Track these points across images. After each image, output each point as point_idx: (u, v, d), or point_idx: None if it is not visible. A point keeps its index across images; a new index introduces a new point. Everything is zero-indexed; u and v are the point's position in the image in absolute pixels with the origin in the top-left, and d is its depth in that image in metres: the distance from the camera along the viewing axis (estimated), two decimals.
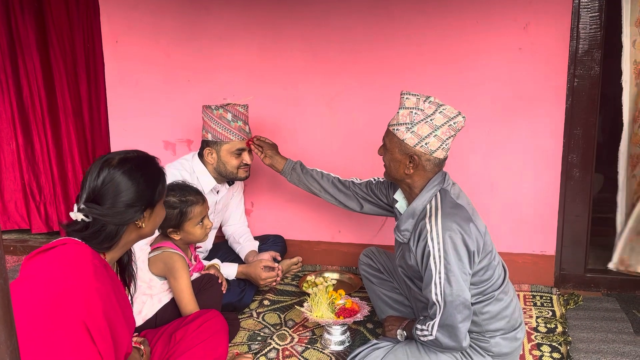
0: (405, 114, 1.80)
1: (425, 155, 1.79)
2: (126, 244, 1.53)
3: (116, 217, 1.44)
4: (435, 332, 1.73)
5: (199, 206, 2.09)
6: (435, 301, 1.71)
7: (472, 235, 1.71)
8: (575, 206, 2.69)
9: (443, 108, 1.78)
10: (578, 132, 2.62)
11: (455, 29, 2.65)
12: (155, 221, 1.56)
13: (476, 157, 2.74)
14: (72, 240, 1.42)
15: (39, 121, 3.51)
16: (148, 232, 1.55)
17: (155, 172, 1.55)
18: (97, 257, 1.43)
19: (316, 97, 2.89)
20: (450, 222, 1.71)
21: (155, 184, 1.53)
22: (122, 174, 1.45)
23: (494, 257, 1.83)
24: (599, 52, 2.53)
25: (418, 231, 1.77)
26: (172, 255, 2.05)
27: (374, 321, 2.38)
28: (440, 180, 1.83)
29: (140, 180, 1.47)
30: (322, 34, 2.81)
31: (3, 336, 0.73)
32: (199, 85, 3.00)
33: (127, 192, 1.45)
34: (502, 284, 1.85)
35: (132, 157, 1.51)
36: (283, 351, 2.18)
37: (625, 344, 2.19)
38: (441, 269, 1.69)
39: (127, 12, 3.00)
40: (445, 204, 1.77)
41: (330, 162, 2.91)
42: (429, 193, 1.81)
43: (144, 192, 1.48)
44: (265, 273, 2.54)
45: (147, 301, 2.04)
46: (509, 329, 1.84)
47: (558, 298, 2.63)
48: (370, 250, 2.38)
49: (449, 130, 1.78)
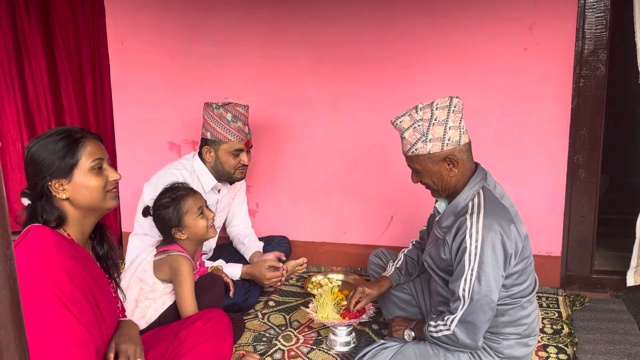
0: (410, 133, 1.80)
1: (456, 149, 1.79)
2: (79, 219, 1.53)
3: (33, 193, 1.50)
4: (453, 327, 1.72)
5: (191, 197, 2.12)
6: (461, 296, 1.70)
7: (511, 237, 1.70)
8: (581, 207, 2.68)
9: (435, 104, 1.78)
10: (584, 132, 2.61)
11: (460, 30, 2.65)
12: (85, 190, 1.52)
13: (481, 158, 2.70)
14: (34, 226, 1.47)
15: (45, 122, 3.53)
16: (83, 202, 1.53)
17: (58, 141, 1.52)
18: (59, 235, 1.47)
19: (320, 98, 2.89)
20: (492, 221, 1.69)
21: (59, 152, 1.50)
22: (29, 150, 1.51)
23: (530, 264, 1.82)
24: (605, 53, 2.52)
25: (457, 226, 1.76)
26: (178, 258, 2.05)
27: (380, 322, 2.38)
28: (482, 177, 1.82)
29: (40, 151, 1.50)
30: (326, 35, 2.81)
31: (13, 336, 0.73)
32: (204, 86, 3.00)
33: (32, 166, 1.50)
34: (531, 293, 1.84)
35: (43, 133, 1.55)
36: (288, 352, 2.18)
37: (632, 346, 2.18)
38: (475, 266, 1.68)
39: (132, 14, 3.01)
40: (489, 202, 1.75)
41: (334, 164, 2.91)
42: (472, 190, 1.79)
43: (44, 161, 1.49)
44: (270, 273, 2.53)
45: (151, 305, 2.04)
46: (524, 336, 1.84)
47: (564, 299, 2.62)
48: (380, 250, 2.40)
49: (455, 115, 1.78)
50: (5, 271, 0.72)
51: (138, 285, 2.04)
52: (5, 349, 0.72)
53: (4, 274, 0.72)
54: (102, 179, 1.55)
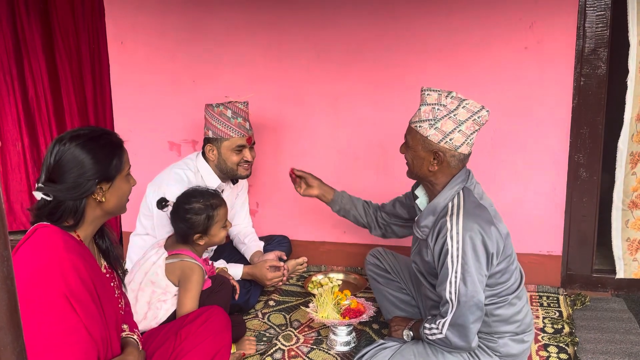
0: (427, 110, 1.77)
1: (450, 152, 1.77)
2: (94, 220, 1.54)
3: (71, 192, 1.47)
4: (445, 331, 1.72)
5: (223, 208, 2.11)
6: (449, 299, 1.70)
7: (492, 237, 1.70)
8: (582, 206, 2.68)
9: (466, 103, 1.75)
10: (584, 131, 2.61)
11: (460, 28, 2.64)
12: (118, 195, 1.57)
13: (482, 157, 2.73)
14: (41, 225, 1.46)
15: (45, 122, 3.53)
16: (113, 207, 1.57)
17: (108, 145, 1.55)
18: (68, 235, 1.47)
19: (320, 97, 2.88)
20: (472, 222, 1.69)
21: (109, 156, 1.53)
22: (73, 148, 1.48)
23: (512, 262, 1.81)
24: (606, 51, 2.52)
25: (437, 228, 1.75)
26: (192, 266, 2.02)
27: (380, 322, 2.37)
28: (464, 177, 1.81)
29: (92, 153, 1.49)
30: (326, 34, 2.81)
31: (10, 338, 0.73)
32: (204, 85, 3.00)
33: (79, 166, 1.48)
34: (518, 289, 1.84)
35: (83, 132, 1.53)
36: (289, 352, 2.18)
37: (633, 345, 2.18)
38: (458, 268, 1.68)
39: (132, 14, 3.01)
40: (468, 203, 1.74)
41: (334, 162, 2.91)
42: (451, 190, 1.79)
43: (96, 165, 1.49)
44: (271, 273, 2.53)
45: (162, 307, 2.03)
46: (519, 332, 1.84)
47: (565, 298, 2.61)
48: (377, 250, 2.38)
49: (473, 124, 1.76)
50: (2, 272, 0.71)
51: (150, 288, 2.03)
52: (2, 351, 0.72)
53: (0, 275, 0.71)
54: (130, 185, 1.62)
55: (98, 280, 1.47)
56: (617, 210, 2.63)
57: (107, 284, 1.58)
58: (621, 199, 2.61)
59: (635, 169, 2.57)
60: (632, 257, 2.67)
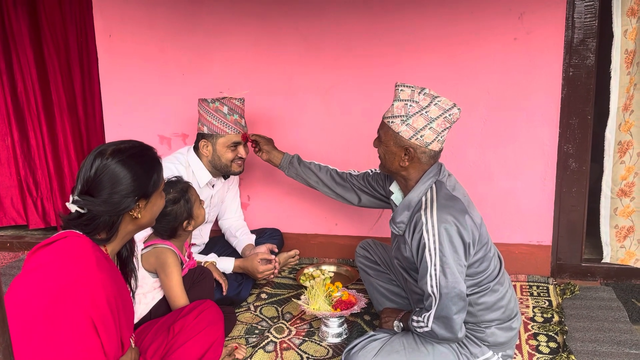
0: (400, 106, 1.79)
1: (420, 148, 1.79)
2: (125, 236, 1.53)
3: (109, 208, 1.44)
4: (431, 324, 1.74)
5: (191, 187, 2.15)
6: (431, 293, 1.71)
7: (467, 227, 1.71)
8: (572, 196, 2.70)
9: (438, 100, 1.77)
10: (574, 122, 2.62)
11: (450, 19, 2.64)
12: (153, 211, 1.56)
13: (472, 148, 2.74)
14: (73, 233, 1.42)
15: (34, 116, 3.50)
16: (146, 222, 1.55)
17: (149, 162, 1.54)
18: (99, 250, 1.44)
19: (311, 89, 2.88)
20: (446, 214, 1.71)
21: (150, 173, 1.52)
22: (115, 164, 1.45)
23: (489, 249, 1.83)
24: (594, 41, 2.53)
25: (413, 223, 1.77)
26: (164, 250, 2.06)
27: (371, 313, 2.39)
28: (435, 172, 1.83)
29: (133, 170, 1.47)
30: (316, 26, 2.80)
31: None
32: (194, 79, 2.98)
33: (120, 183, 1.45)
34: (498, 275, 1.86)
35: (126, 147, 1.51)
36: (281, 344, 2.18)
37: (622, 333, 2.20)
38: (436, 261, 1.69)
39: (120, 6, 2.98)
40: (441, 195, 1.76)
41: (326, 154, 2.91)
42: (424, 185, 1.81)
43: (136, 182, 1.47)
44: (263, 266, 2.54)
45: (142, 300, 2.04)
46: (505, 319, 1.85)
47: (554, 288, 2.64)
48: (366, 242, 2.39)
49: (445, 122, 1.78)
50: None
51: None
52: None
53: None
54: (164, 200, 1.62)
55: (120, 299, 1.44)
56: (606, 199, 2.67)
57: (128, 299, 1.54)
58: (610, 187, 2.64)
59: (623, 158, 2.59)
60: (620, 244, 2.70)
